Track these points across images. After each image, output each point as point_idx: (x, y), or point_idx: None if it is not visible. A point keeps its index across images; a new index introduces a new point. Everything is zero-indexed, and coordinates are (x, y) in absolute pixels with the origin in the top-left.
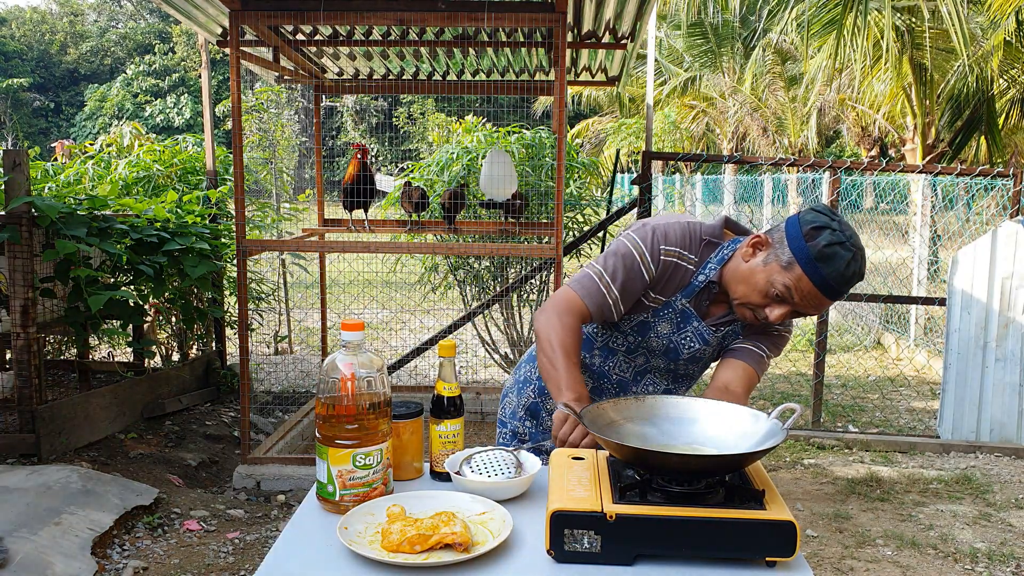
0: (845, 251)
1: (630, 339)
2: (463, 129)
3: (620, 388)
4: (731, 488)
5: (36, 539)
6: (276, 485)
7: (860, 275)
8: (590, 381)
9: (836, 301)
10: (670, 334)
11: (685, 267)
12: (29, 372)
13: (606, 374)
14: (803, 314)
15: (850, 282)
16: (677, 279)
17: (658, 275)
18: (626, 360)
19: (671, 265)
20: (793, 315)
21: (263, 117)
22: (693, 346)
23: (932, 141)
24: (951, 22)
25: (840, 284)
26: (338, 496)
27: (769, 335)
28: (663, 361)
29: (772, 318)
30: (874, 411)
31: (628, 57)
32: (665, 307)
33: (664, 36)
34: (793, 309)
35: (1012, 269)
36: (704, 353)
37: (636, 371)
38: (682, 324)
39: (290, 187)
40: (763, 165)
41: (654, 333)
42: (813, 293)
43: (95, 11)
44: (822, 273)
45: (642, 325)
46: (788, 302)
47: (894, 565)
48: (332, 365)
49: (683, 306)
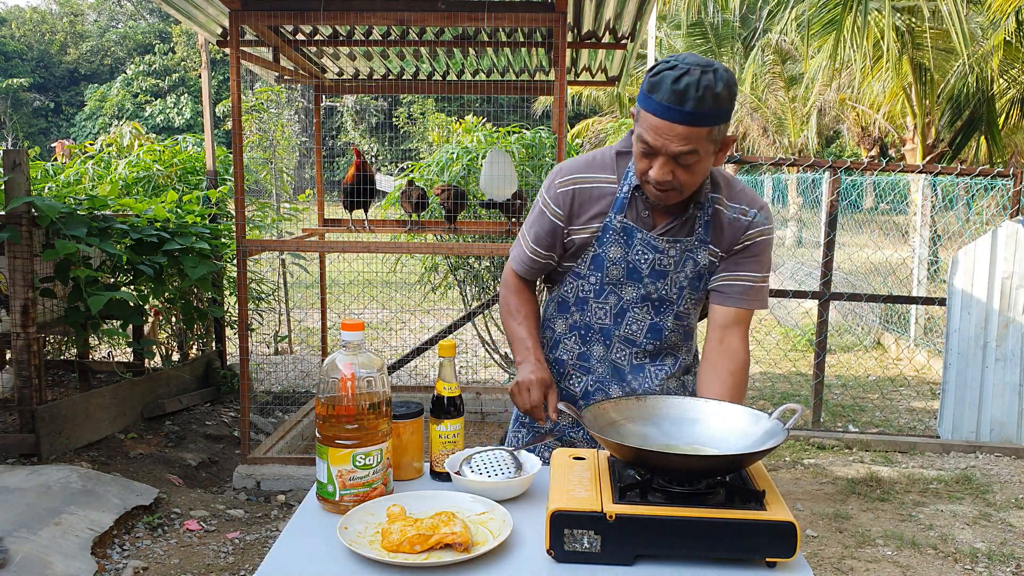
0: (672, 71)
1: (592, 280)
2: (463, 129)
3: (604, 336)
4: (731, 488)
5: (36, 539)
6: (276, 485)
7: (701, 87)
8: (579, 342)
9: (693, 125)
10: (624, 256)
11: (600, 188)
12: (29, 372)
13: (589, 326)
14: (673, 158)
15: (685, 95)
16: (595, 202)
17: (565, 209)
18: (599, 305)
19: (573, 193)
20: (668, 167)
21: (263, 117)
22: (648, 258)
23: (932, 141)
24: (951, 22)
25: (673, 100)
26: (338, 496)
27: (744, 287)
28: (632, 289)
29: (654, 176)
30: (874, 411)
31: (628, 57)
32: (604, 231)
33: (664, 36)
34: (658, 154)
35: (1012, 269)
36: (664, 266)
37: (613, 313)
38: (628, 241)
39: (290, 187)
40: (763, 165)
41: (608, 262)
42: (656, 124)
43: (95, 11)
44: (655, 100)
45: (595, 260)
46: (649, 149)
47: (894, 565)
48: (332, 365)
49: (620, 223)
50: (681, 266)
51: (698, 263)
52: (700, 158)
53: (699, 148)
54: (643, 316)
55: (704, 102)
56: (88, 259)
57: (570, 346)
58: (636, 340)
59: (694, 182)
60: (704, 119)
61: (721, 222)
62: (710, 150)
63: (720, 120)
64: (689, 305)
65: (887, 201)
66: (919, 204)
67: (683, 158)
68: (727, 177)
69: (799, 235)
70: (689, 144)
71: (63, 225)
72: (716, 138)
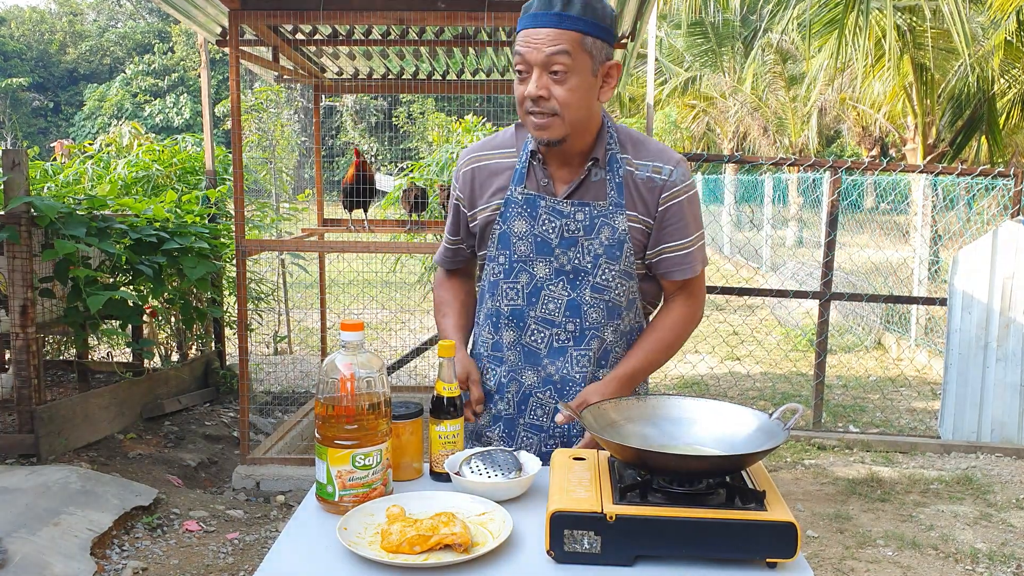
0: None
1: (501, 260)
2: (463, 129)
3: (516, 319)
4: (732, 489)
5: (35, 539)
6: (275, 485)
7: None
8: (492, 331)
9: (562, 27)
10: (530, 229)
11: (499, 163)
12: (28, 372)
13: (499, 311)
14: (547, 69)
15: (552, 0)
16: (495, 177)
17: (466, 190)
18: (510, 285)
19: (473, 172)
20: (542, 80)
21: (262, 117)
22: (555, 225)
23: (933, 141)
24: (952, 22)
25: (541, 6)
26: (337, 496)
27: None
28: (543, 264)
29: (528, 91)
30: (875, 411)
31: (628, 56)
32: (506, 206)
33: (664, 35)
34: (532, 66)
35: (1013, 269)
36: (573, 231)
37: (526, 292)
38: (533, 212)
39: (289, 187)
40: (764, 165)
41: (515, 237)
42: (527, 33)
43: (94, 10)
44: (527, 15)
45: (501, 238)
46: (522, 61)
47: (895, 566)
48: (332, 365)
49: (522, 194)
50: (595, 232)
51: (616, 229)
52: (574, 69)
53: (570, 51)
54: (559, 292)
55: (572, 5)
56: (87, 259)
57: (485, 337)
58: (555, 320)
59: (572, 102)
60: (573, 22)
61: (635, 184)
62: (587, 65)
63: (594, 31)
64: (609, 277)
65: (888, 201)
66: (920, 204)
67: (556, 63)
68: (636, 137)
69: (800, 235)
70: (559, 45)
71: (62, 225)
72: (593, 53)
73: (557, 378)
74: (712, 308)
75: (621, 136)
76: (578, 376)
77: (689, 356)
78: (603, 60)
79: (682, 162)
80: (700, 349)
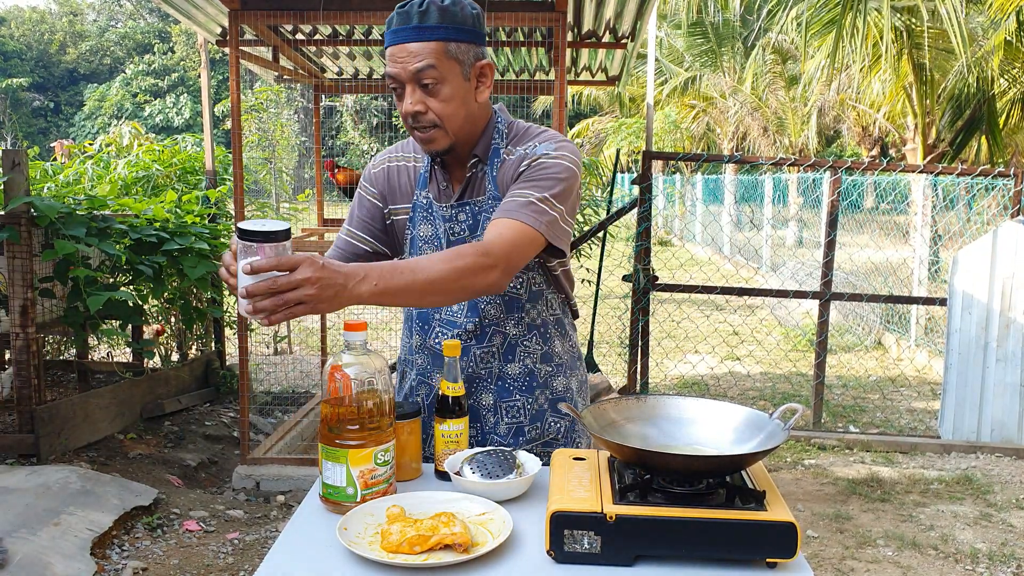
0: (401, 4)
1: None
2: None
3: (422, 322)
4: (732, 489)
5: (35, 539)
6: (275, 486)
7: (425, 3)
8: (407, 336)
9: (422, 40)
10: (435, 233)
11: (409, 167)
12: (28, 372)
13: (411, 315)
14: (418, 83)
15: (409, 13)
16: (404, 181)
17: (380, 187)
18: None
19: (387, 171)
20: (416, 95)
21: (262, 117)
22: (446, 227)
23: (933, 141)
24: (949, 22)
25: (399, 22)
26: (359, 496)
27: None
28: None
29: (406, 108)
30: (875, 411)
31: (628, 57)
32: (413, 210)
33: (664, 35)
34: (404, 83)
35: (1013, 269)
36: (458, 233)
37: None
38: (431, 216)
39: (289, 187)
40: (764, 165)
41: (422, 240)
42: (392, 52)
43: (94, 10)
44: (388, 34)
45: (412, 242)
46: (393, 81)
47: (895, 566)
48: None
49: (425, 199)
50: (479, 229)
51: None
52: (444, 78)
53: (437, 64)
54: None
55: (428, 16)
56: (87, 259)
57: (405, 342)
58: (456, 320)
59: (449, 112)
60: (433, 32)
61: (507, 169)
62: (456, 71)
63: (456, 35)
64: None
65: (888, 201)
66: (920, 204)
67: (424, 77)
68: (525, 128)
69: (800, 235)
70: (423, 59)
71: (62, 225)
72: (460, 58)
73: (463, 375)
74: (712, 308)
75: (512, 130)
76: (484, 373)
77: (689, 356)
78: (473, 62)
79: (555, 140)
80: (700, 349)
